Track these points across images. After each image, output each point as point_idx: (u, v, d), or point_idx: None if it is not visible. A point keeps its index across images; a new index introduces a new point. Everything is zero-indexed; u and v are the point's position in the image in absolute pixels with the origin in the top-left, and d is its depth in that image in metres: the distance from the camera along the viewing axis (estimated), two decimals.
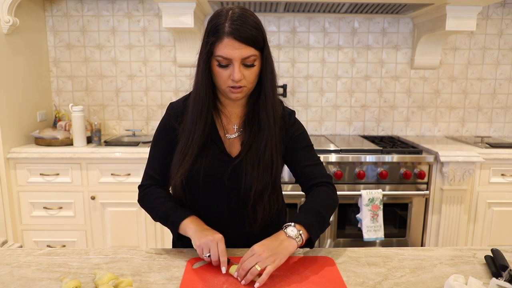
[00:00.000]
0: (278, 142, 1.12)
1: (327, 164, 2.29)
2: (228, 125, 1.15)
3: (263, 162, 1.08)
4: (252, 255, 0.93)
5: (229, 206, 1.14)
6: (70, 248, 1.11)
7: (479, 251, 1.09)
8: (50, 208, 2.34)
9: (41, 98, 2.69)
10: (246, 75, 1.02)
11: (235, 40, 0.98)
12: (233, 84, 1.02)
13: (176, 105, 1.17)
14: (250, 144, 1.10)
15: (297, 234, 0.99)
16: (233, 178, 1.11)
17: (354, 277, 0.95)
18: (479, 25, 2.78)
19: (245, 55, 0.99)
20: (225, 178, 1.11)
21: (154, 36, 2.77)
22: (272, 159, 1.09)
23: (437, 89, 2.89)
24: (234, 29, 0.98)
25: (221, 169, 1.11)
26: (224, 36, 0.98)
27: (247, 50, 0.99)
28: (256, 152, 1.09)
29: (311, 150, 1.20)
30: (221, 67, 1.02)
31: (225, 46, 0.98)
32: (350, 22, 2.79)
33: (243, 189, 1.10)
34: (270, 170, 1.09)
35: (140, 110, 2.87)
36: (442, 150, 2.33)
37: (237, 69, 1.00)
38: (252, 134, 1.10)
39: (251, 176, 1.08)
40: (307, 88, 2.87)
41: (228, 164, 1.11)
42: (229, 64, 1.01)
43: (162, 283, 0.92)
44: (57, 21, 2.74)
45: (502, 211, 2.42)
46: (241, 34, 0.98)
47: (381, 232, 2.26)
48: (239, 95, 1.06)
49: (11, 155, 2.27)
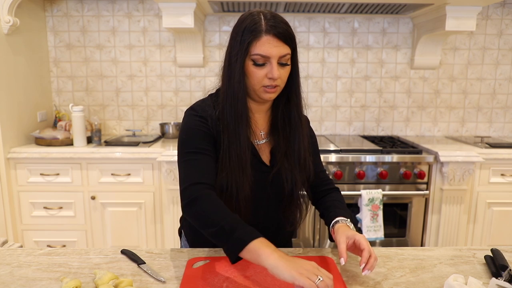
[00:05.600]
0: (308, 142, 1.14)
1: (327, 164, 2.29)
2: (256, 131, 1.11)
3: (299, 164, 1.11)
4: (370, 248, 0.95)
5: (269, 211, 1.15)
6: (70, 248, 1.11)
7: (479, 251, 1.09)
8: (50, 208, 2.34)
9: (41, 98, 2.69)
10: (281, 74, 1.02)
11: (274, 37, 0.98)
12: (269, 83, 1.01)
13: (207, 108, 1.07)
14: (285, 149, 1.11)
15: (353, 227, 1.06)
16: (274, 185, 1.12)
17: (354, 277, 0.95)
18: (479, 25, 2.78)
19: (282, 53, 1.00)
20: (267, 186, 1.11)
21: (154, 36, 2.77)
22: (306, 159, 1.12)
23: (437, 89, 2.89)
24: (272, 26, 0.98)
25: (262, 178, 1.10)
26: (263, 33, 0.98)
27: (284, 48, 1.00)
28: (292, 156, 1.10)
29: (319, 156, 1.25)
30: (256, 66, 1.00)
31: (263, 44, 0.98)
32: (350, 22, 2.79)
33: (286, 195, 1.12)
34: (306, 170, 1.12)
35: (140, 110, 2.87)
36: (442, 150, 2.34)
37: (276, 67, 0.99)
38: (285, 138, 1.11)
39: (292, 181, 1.10)
40: (307, 88, 2.87)
41: (266, 172, 1.11)
42: (265, 62, 1.00)
43: (162, 283, 0.92)
44: (57, 21, 2.74)
45: (502, 211, 2.42)
46: (280, 31, 0.98)
47: (381, 232, 2.26)
48: (273, 95, 1.05)
49: (12, 155, 2.28)
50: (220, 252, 1.09)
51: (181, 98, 2.82)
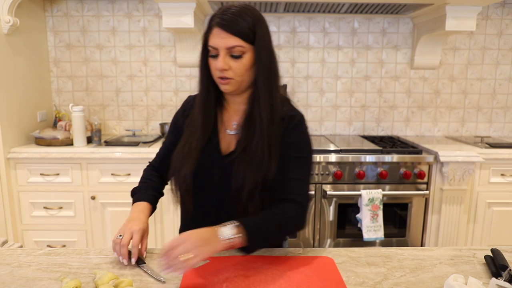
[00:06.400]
0: (274, 142, 1.07)
1: (327, 164, 2.30)
2: (228, 121, 1.15)
3: (255, 162, 1.05)
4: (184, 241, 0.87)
5: (220, 203, 1.13)
6: (70, 248, 1.11)
7: (479, 251, 1.09)
8: (50, 208, 2.34)
9: (41, 98, 2.69)
10: (233, 66, 1.03)
11: (221, 30, 1.02)
12: (219, 74, 1.04)
13: (189, 99, 1.23)
14: (246, 144, 1.08)
15: (230, 235, 0.93)
16: (225, 177, 1.09)
17: (354, 277, 0.95)
18: (479, 25, 2.78)
19: (229, 45, 1.01)
20: (216, 175, 1.11)
21: (154, 36, 2.77)
22: (263, 158, 1.05)
23: (437, 89, 2.89)
24: (221, 19, 1.02)
25: (211, 165, 1.11)
26: (213, 26, 1.03)
27: (232, 39, 1.01)
28: (250, 151, 1.07)
29: (301, 162, 1.10)
30: (212, 57, 1.05)
31: (213, 36, 1.03)
32: (350, 22, 2.79)
33: (235, 188, 1.07)
34: (261, 170, 1.05)
35: (140, 110, 2.87)
36: (442, 150, 2.34)
37: (221, 58, 1.02)
38: (249, 133, 1.08)
39: (244, 175, 1.05)
40: (307, 88, 2.87)
41: (218, 161, 1.11)
42: (217, 54, 1.03)
43: (162, 283, 0.92)
44: (57, 21, 2.74)
45: (502, 211, 2.42)
46: (226, 23, 1.01)
47: (381, 232, 2.26)
48: (227, 87, 1.07)
49: (12, 155, 2.28)
50: (220, 252, 1.09)
51: (181, 98, 2.82)
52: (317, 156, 2.28)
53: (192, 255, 0.86)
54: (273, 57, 1.08)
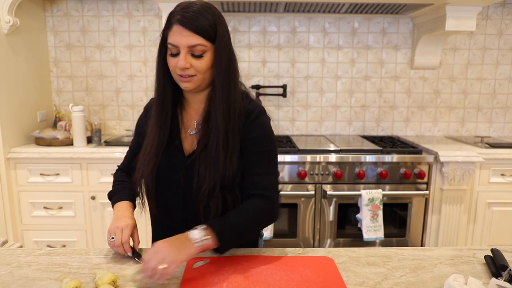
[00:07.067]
0: (232, 140, 1.06)
1: (327, 164, 2.30)
2: (189, 121, 1.14)
3: (214, 161, 1.05)
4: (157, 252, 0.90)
5: (186, 204, 1.13)
6: (70, 248, 1.11)
7: (479, 251, 1.09)
8: (50, 208, 2.34)
9: (41, 98, 2.69)
10: (195, 64, 1.01)
11: (182, 27, 0.99)
12: (180, 72, 1.02)
13: (151, 101, 1.19)
14: (206, 142, 1.07)
15: (200, 238, 0.94)
16: (188, 177, 1.09)
17: (354, 277, 0.95)
18: (479, 25, 2.78)
19: (191, 43, 0.99)
20: (181, 176, 1.10)
21: (154, 36, 2.77)
22: (220, 156, 1.04)
23: (437, 89, 2.89)
24: (183, 17, 0.99)
25: (175, 167, 1.11)
26: (174, 23, 1.00)
27: (194, 38, 0.99)
28: (210, 150, 1.06)
29: (264, 156, 1.09)
30: (172, 56, 1.03)
31: (173, 33, 1.01)
32: (350, 22, 2.79)
33: (195, 188, 1.07)
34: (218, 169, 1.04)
35: (140, 110, 2.84)
36: (442, 150, 2.34)
37: (182, 57, 1.00)
38: (208, 131, 1.07)
39: (204, 174, 1.06)
40: (307, 88, 2.87)
41: (181, 162, 1.10)
42: (178, 52, 1.01)
43: (162, 283, 0.92)
44: (57, 21, 2.74)
45: (502, 211, 2.42)
46: (189, 21, 0.99)
47: (381, 232, 2.26)
48: (188, 85, 1.04)
49: (11, 155, 2.28)
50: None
51: None
52: (317, 156, 2.28)
53: (166, 264, 0.88)
54: (232, 54, 1.07)
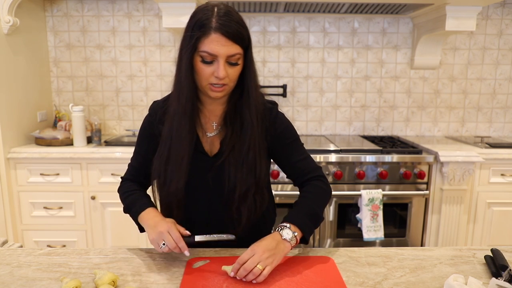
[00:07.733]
0: (261, 141, 1.09)
1: (327, 164, 2.30)
2: (206, 124, 1.12)
3: (246, 163, 1.06)
4: (253, 255, 0.92)
5: (211, 207, 1.13)
6: (70, 248, 1.11)
7: (479, 251, 1.09)
8: (50, 208, 2.34)
9: (41, 98, 2.69)
10: (230, 73, 1.00)
11: (222, 36, 0.96)
12: (216, 81, 0.99)
13: (158, 105, 1.16)
14: (233, 144, 1.07)
15: (292, 236, 1.00)
16: (216, 179, 1.09)
17: (354, 277, 0.95)
18: (479, 25, 2.78)
19: (231, 53, 0.97)
20: (208, 178, 1.10)
21: (154, 36, 2.77)
22: (256, 159, 1.07)
23: (437, 89, 2.89)
24: (222, 25, 0.96)
25: (203, 170, 1.10)
26: (212, 31, 0.96)
27: (233, 47, 0.97)
28: (240, 152, 1.06)
29: (298, 143, 1.16)
30: (204, 63, 0.99)
31: (211, 42, 0.96)
32: (350, 22, 2.79)
33: (227, 190, 1.07)
34: (253, 171, 1.07)
35: (140, 110, 2.87)
36: (442, 150, 2.34)
37: (222, 66, 0.97)
38: (234, 133, 1.07)
39: (235, 177, 1.06)
40: (307, 88, 2.87)
41: (208, 164, 1.10)
42: (213, 60, 0.98)
43: (162, 283, 0.92)
44: (57, 21, 2.74)
45: (502, 211, 2.42)
46: (229, 30, 0.96)
47: (381, 232, 2.26)
48: (219, 94, 1.03)
49: (12, 155, 2.28)
50: (220, 252, 1.09)
51: None
52: (317, 156, 2.28)
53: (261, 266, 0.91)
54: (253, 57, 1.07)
